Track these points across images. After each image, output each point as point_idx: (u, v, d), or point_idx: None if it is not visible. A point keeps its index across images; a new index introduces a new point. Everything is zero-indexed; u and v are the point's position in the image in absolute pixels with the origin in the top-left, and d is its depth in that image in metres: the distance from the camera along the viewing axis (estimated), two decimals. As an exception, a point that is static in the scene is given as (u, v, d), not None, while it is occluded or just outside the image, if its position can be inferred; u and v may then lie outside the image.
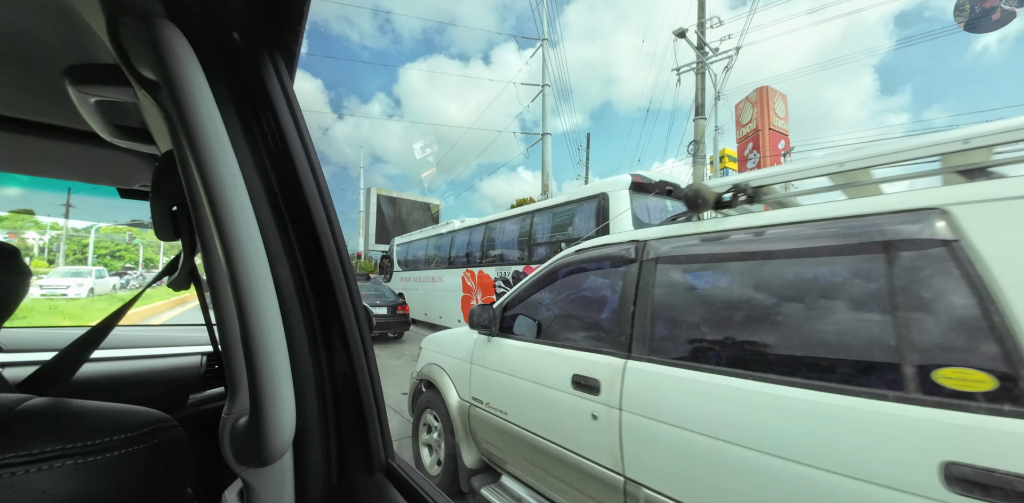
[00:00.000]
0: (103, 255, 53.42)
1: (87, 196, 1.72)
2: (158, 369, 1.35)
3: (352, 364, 0.72)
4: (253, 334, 0.51)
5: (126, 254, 54.51)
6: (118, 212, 2.05)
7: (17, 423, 0.37)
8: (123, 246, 54.06)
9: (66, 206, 3.80)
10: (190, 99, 0.49)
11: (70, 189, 1.68)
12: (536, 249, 7.51)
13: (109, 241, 54.23)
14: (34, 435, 0.37)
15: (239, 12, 0.58)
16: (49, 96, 0.91)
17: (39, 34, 0.68)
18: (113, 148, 1.04)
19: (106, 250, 54.16)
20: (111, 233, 50.86)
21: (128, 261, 53.94)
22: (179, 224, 0.75)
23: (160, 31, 0.49)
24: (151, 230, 0.80)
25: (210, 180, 0.50)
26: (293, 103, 0.67)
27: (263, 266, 0.54)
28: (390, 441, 0.78)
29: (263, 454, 0.54)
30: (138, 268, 50.49)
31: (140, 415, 0.46)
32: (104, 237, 53.84)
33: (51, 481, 0.34)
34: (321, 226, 0.70)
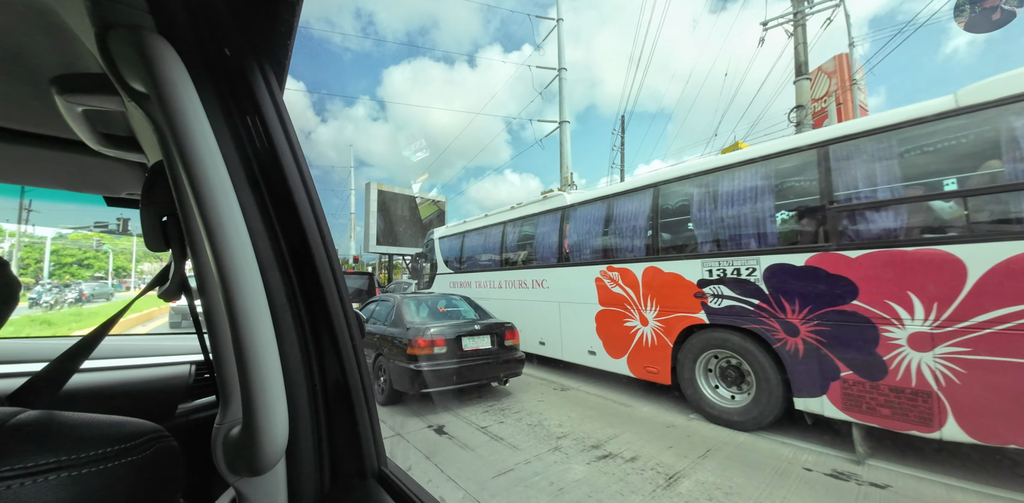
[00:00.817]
0: (69, 264, 49.99)
1: (74, 205, 1.74)
2: (146, 379, 1.35)
3: (344, 370, 0.72)
4: (245, 343, 0.52)
5: (95, 262, 51.20)
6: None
7: (10, 437, 0.37)
8: (91, 253, 50.59)
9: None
10: (180, 110, 0.50)
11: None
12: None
13: (75, 248, 50.83)
14: (27, 448, 0.37)
15: (228, 25, 0.60)
16: (36, 105, 0.91)
17: (26, 44, 0.68)
18: (100, 157, 1.03)
19: (72, 258, 50.73)
20: (78, 240, 47.50)
21: (97, 269, 50.70)
22: (169, 234, 0.74)
23: (150, 44, 0.50)
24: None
25: (201, 190, 0.51)
26: (283, 113, 0.69)
27: (254, 274, 0.55)
28: (382, 447, 0.78)
29: (256, 464, 0.55)
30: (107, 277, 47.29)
31: (133, 426, 0.46)
32: (70, 244, 50.34)
33: (45, 494, 0.35)
34: (311, 233, 0.70)
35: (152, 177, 0.74)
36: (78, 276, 49.37)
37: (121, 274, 50.62)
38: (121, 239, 49.37)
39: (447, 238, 9.40)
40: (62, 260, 48.85)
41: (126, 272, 49.03)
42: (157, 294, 0.81)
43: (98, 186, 1.48)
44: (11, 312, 0.58)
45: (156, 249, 0.74)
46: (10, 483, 0.33)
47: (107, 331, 0.72)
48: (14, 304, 0.58)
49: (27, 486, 0.34)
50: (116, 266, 50.01)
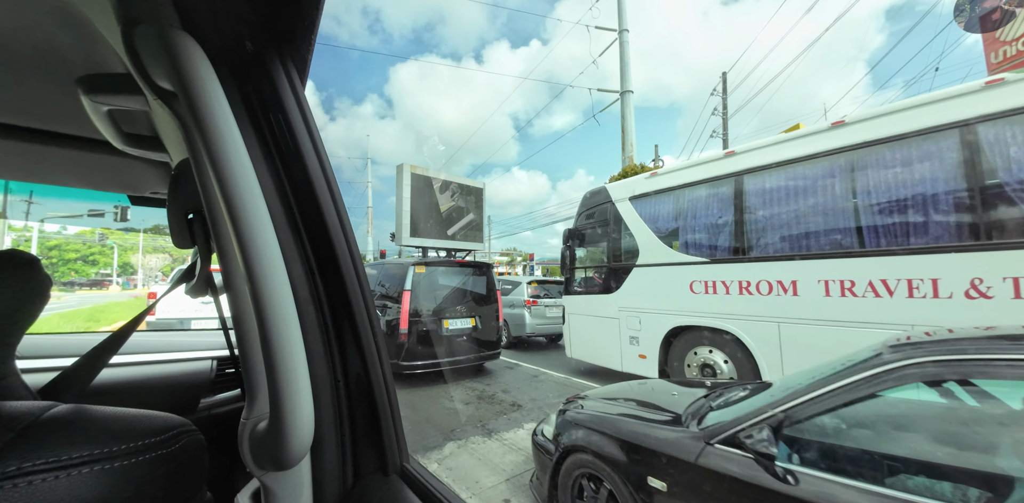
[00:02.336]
0: (74, 260, 47.18)
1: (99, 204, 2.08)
2: (170, 374, 1.38)
3: (366, 366, 0.72)
4: (272, 339, 0.52)
5: (100, 258, 48.41)
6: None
7: (44, 430, 0.38)
8: (96, 248, 47.73)
9: (84, 215, 3.30)
10: (206, 107, 0.49)
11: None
12: None
13: (80, 244, 47.97)
14: (61, 442, 0.37)
15: (251, 21, 0.59)
16: (62, 105, 0.93)
17: (52, 44, 0.69)
18: (124, 156, 1.05)
19: (77, 254, 47.90)
20: (82, 235, 44.68)
21: (103, 265, 48.02)
22: (195, 231, 0.74)
23: (175, 41, 0.49)
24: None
25: (228, 187, 0.50)
26: (305, 108, 0.68)
27: (280, 271, 0.55)
28: (404, 443, 0.78)
29: (282, 458, 0.55)
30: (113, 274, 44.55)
31: (162, 420, 0.47)
32: (75, 239, 47.50)
33: (78, 486, 0.35)
34: (334, 229, 0.70)
35: (178, 174, 0.75)
36: (82, 273, 46.77)
37: (128, 271, 47.70)
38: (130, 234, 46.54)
39: (662, 196, 5.26)
40: (65, 256, 45.95)
41: (132, 269, 46.02)
42: (184, 291, 0.80)
43: (123, 185, 1.52)
44: (42, 308, 0.59)
45: (182, 246, 0.75)
46: (45, 476, 0.34)
47: (135, 327, 0.78)
48: (45, 300, 0.59)
49: (61, 479, 0.35)
50: (121, 262, 47.07)
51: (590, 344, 6.24)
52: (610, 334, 5.80)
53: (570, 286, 6.61)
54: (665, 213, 5.28)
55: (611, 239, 5.89)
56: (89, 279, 45.79)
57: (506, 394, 5.39)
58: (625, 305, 5.61)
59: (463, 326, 6.11)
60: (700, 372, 4.90)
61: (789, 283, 4.12)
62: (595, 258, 6.48)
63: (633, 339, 5.50)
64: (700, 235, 4.89)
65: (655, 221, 5.36)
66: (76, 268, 45.39)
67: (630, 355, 5.54)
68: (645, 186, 5.55)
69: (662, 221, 5.30)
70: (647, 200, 5.50)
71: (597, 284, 6.23)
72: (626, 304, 5.60)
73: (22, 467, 0.34)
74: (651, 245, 5.34)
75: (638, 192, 5.61)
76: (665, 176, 5.36)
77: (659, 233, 5.30)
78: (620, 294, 5.68)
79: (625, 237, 5.75)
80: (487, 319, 6.43)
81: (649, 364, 5.33)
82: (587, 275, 6.55)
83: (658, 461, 1.87)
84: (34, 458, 0.35)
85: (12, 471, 0.33)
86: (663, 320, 5.17)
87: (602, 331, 5.94)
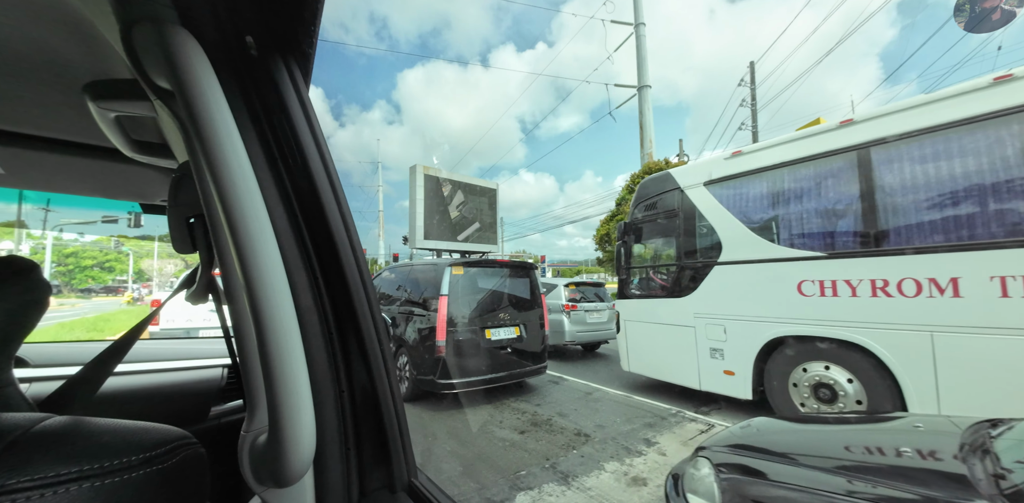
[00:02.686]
0: (90, 267, 47.59)
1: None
2: (180, 382, 1.36)
3: (372, 377, 0.69)
4: (270, 347, 0.51)
5: (116, 265, 48.81)
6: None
7: (33, 444, 0.36)
8: (112, 255, 48.18)
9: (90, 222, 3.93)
10: (203, 106, 0.48)
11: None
12: None
13: (96, 251, 48.45)
14: (50, 457, 0.35)
15: (252, 19, 0.58)
16: (69, 113, 0.92)
17: (58, 51, 0.68)
18: (134, 164, 1.06)
19: (93, 261, 48.37)
20: (98, 242, 45.12)
21: (119, 272, 48.35)
22: (196, 236, 0.73)
23: (173, 37, 0.49)
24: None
25: (226, 190, 0.50)
26: (309, 110, 0.67)
27: (281, 278, 0.54)
28: (412, 458, 0.74)
29: (282, 475, 0.53)
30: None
31: (159, 433, 0.44)
32: (91, 246, 47.98)
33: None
34: (338, 234, 0.68)
35: (179, 177, 0.73)
36: (99, 280, 47.13)
37: (144, 277, 47.91)
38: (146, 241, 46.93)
39: (751, 179, 4.34)
40: (82, 263, 46.35)
41: (146, 276, 46.17)
42: (185, 297, 0.80)
43: (133, 193, 1.51)
44: (40, 316, 0.58)
45: (183, 251, 0.74)
46: (30, 494, 0.32)
47: (138, 335, 0.74)
48: (44, 308, 0.58)
49: (47, 497, 0.33)
50: (137, 269, 47.28)
51: (654, 357, 5.31)
52: (683, 346, 4.86)
53: (626, 289, 5.69)
54: (757, 199, 4.35)
55: (681, 233, 4.97)
56: (104, 286, 46.07)
57: (564, 419, 4.49)
58: (704, 311, 4.68)
59: (506, 336, 5.23)
60: (813, 394, 3.95)
61: (947, 281, 3.17)
62: (658, 256, 5.57)
63: (715, 352, 4.57)
64: (813, 224, 3.95)
65: (743, 209, 4.44)
66: (93, 275, 45.67)
67: (712, 371, 4.61)
68: (726, 168, 4.63)
69: (753, 208, 4.38)
70: (730, 185, 4.58)
71: (663, 286, 5.30)
72: (705, 310, 4.67)
73: (5, 484, 0.31)
74: (739, 238, 4.42)
75: (716, 176, 4.69)
76: (753, 155, 4.44)
77: (750, 223, 4.37)
78: (696, 298, 4.75)
79: (701, 230, 4.83)
80: (532, 327, 5.54)
81: (738, 383, 4.39)
82: (649, 276, 5.63)
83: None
84: (19, 475, 0.32)
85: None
86: (758, 329, 4.23)
87: (671, 342, 5.01)
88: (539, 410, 4.79)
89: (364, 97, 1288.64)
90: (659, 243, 5.45)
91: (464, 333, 4.87)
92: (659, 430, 4.16)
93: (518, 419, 4.48)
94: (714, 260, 4.59)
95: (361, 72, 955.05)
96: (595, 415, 4.62)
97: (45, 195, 1.53)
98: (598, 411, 4.77)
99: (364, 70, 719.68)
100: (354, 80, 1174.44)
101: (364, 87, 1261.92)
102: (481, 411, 4.79)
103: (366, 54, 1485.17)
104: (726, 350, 4.49)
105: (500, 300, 5.40)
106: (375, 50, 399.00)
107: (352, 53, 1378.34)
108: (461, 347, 4.82)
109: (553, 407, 4.92)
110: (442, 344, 4.67)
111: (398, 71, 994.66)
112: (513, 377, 5.18)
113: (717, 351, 4.56)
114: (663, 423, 4.39)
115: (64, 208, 1.86)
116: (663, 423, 4.39)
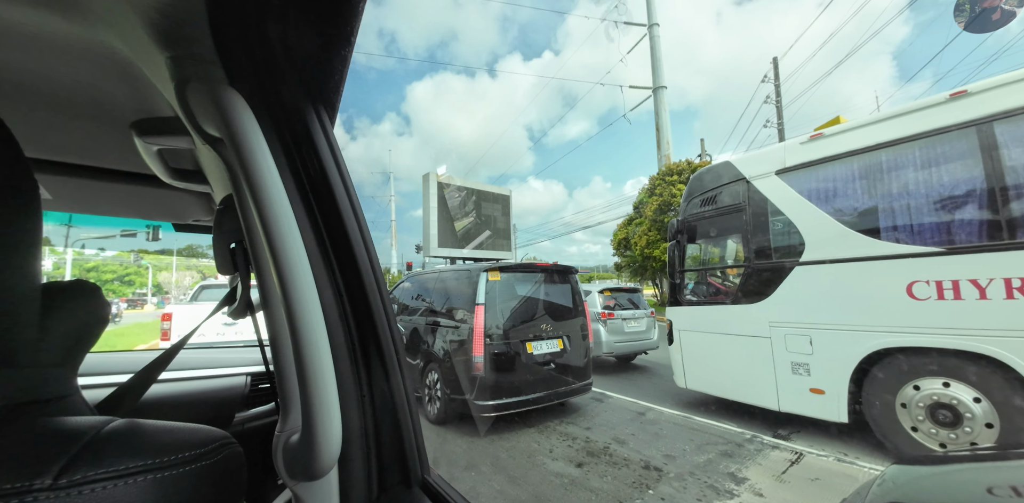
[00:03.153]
0: (111, 280, 48.44)
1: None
2: (207, 389, 1.45)
3: (390, 384, 0.75)
4: (305, 357, 0.57)
5: (136, 278, 49.61)
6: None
7: (105, 442, 0.41)
8: (132, 269, 49.00)
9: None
10: (249, 152, 0.56)
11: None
12: None
13: (117, 264, 49.37)
14: (119, 453, 0.40)
15: (289, 78, 0.66)
16: (112, 144, 1.03)
17: (108, 92, 0.78)
18: (170, 188, 1.17)
19: (114, 274, 49.26)
20: (118, 256, 46.07)
21: (139, 286, 49.09)
22: (236, 259, 0.82)
23: (224, 96, 0.56)
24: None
25: (268, 222, 0.57)
26: (335, 149, 0.75)
27: (313, 296, 0.59)
28: (425, 456, 0.80)
29: (313, 469, 0.59)
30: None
31: (205, 433, 0.50)
32: (112, 260, 48.95)
33: (134, 494, 0.39)
34: (360, 256, 0.75)
35: (223, 209, 0.82)
36: (119, 293, 47.88)
37: (163, 290, 48.53)
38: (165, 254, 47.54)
39: (839, 164, 3.74)
40: (103, 277, 47.10)
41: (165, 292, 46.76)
42: (226, 313, 0.87)
43: (168, 214, 1.65)
44: (101, 332, 0.63)
45: (225, 272, 0.82)
46: (106, 484, 0.37)
47: (182, 345, 0.80)
48: (105, 324, 0.63)
49: (119, 487, 0.38)
50: (156, 283, 47.94)
51: (718, 372, 4.66)
52: (756, 359, 4.21)
53: (680, 294, 5.05)
54: (849, 187, 3.72)
55: (749, 229, 4.35)
56: (125, 298, 46.85)
57: (623, 447, 3.87)
58: (782, 319, 4.04)
59: (549, 349, 4.64)
60: (929, 416, 3.28)
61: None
62: (720, 257, 4.95)
63: (799, 367, 3.92)
64: (926, 214, 3.32)
65: (831, 200, 3.82)
66: (113, 288, 46.36)
67: (794, 389, 3.95)
68: (804, 154, 4.02)
69: (845, 199, 3.75)
70: (811, 172, 3.96)
71: (726, 291, 4.68)
72: (784, 317, 4.03)
73: (87, 475, 0.37)
74: (827, 234, 3.79)
75: (792, 163, 4.09)
76: (839, 138, 3.83)
77: (841, 216, 3.74)
78: (772, 304, 4.12)
79: (774, 225, 4.21)
80: (575, 339, 4.95)
81: (829, 403, 3.73)
82: (708, 279, 5.01)
83: None
84: (97, 468, 0.38)
85: (79, 479, 0.36)
86: (855, 340, 3.58)
87: (740, 355, 4.36)
88: (591, 435, 4.17)
89: (374, 110, 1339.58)
90: (720, 242, 4.84)
91: (503, 347, 4.30)
92: (740, 461, 3.51)
93: (569, 447, 3.87)
94: (794, 260, 3.96)
95: (371, 86, 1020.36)
96: (657, 441, 3.99)
97: (88, 218, 1.63)
98: (659, 436, 4.14)
99: (374, 84, 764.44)
100: (364, 93, 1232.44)
101: (375, 100, 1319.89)
102: (524, 437, 4.19)
103: (375, 68, 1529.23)
104: (812, 365, 3.84)
105: (540, 309, 4.82)
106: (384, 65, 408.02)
107: (361, 67, 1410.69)
108: (501, 363, 4.25)
109: (606, 431, 4.30)
110: (480, 360, 4.11)
111: (407, 83, 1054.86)
112: (558, 396, 4.57)
113: (801, 366, 3.91)
114: (741, 451, 3.74)
115: (105, 228, 2.51)
116: (741, 451, 3.74)
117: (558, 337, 4.76)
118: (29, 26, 0.59)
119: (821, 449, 3.81)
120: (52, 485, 0.35)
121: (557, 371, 4.65)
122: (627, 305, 7.97)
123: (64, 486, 0.35)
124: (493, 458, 3.63)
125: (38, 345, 0.49)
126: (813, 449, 3.79)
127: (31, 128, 0.92)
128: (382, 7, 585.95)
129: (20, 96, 0.78)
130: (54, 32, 0.60)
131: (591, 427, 4.43)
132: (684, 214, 5.06)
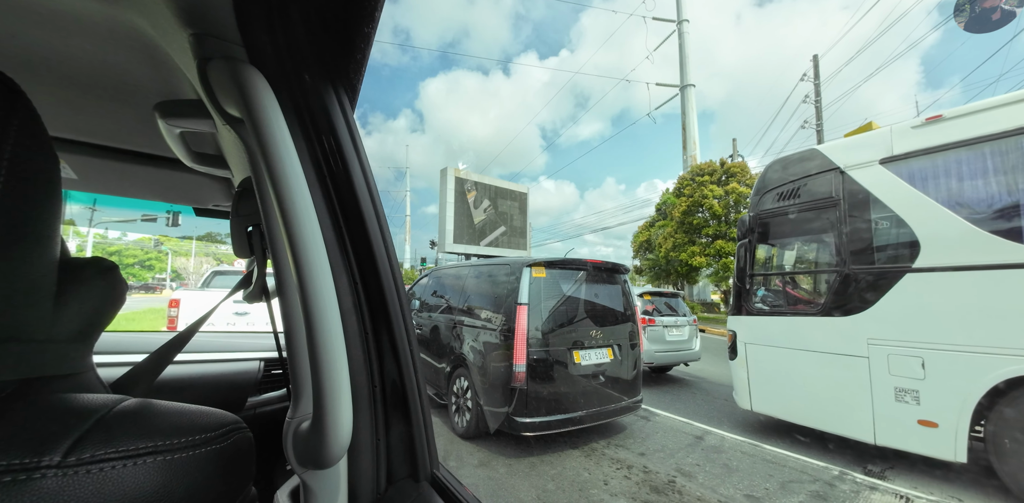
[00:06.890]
0: (131, 265, 49.30)
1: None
2: (221, 373, 1.46)
3: (401, 375, 0.74)
4: (318, 344, 0.55)
5: (156, 263, 50.44)
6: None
7: (115, 422, 0.41)
8: (152, 254, 49.82)
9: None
10: (269, 133, 0.55)
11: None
12: None
13: (138, 249, 50.26)
14: (129, 433, 0.40)
15: (310, 56, 0.66)
16: (136, 126, 1.04)
17: (132, 74, 0.79)
18: (192, 172, 1.23)
19: (135, 259, 50.16)
20: (139, 241, 46.83)
21: (158, 271, 49.87)
22: (253, 242, 0.83)
23: (244, 74, 0.55)
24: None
25: (286, 205, 0.55)
26: (354, 131, 0.74)
27: (328, 282, 0.58)
28: (435, 450, 0.79)
29: (322, 458, 0.58)
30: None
31: (217, 416, 0.49)
32: (133, 245, 49.90)
33: (143, 474, 0.38)
34: (376, 243, 0.73)
35: (241, 192, 0.83)
36: (139, 278, 48.68)
37: (181, 276, 49.18)
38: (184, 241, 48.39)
39: (970, 151, 3.05)
40: (124, 261, 47.92)
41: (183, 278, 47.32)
42: (242, 297, 0.88)
43: (190, 198, 1.65)
44: (118, 311, 0.62)
45: (242, 255, 0.83)
46: (115, 464, 0.37)
47: (198, 328, 0.82)
48: (122, 303, 0.62)
49: (128, 467, 0.37)
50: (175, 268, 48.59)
51: (795, 394, 4.01)
52: (847, 382, 3.57)
53: (748, 301, 4.41)
54: (983, 180, 3.06)
55: (844, 228, 3.71)
56: (144, 283, 47.57)
57: (691, 481, 3.27)
58: (886, 336, 3.39)
59: (599, 359, 4.06)
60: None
61: None
62: (802, 259, 4.31)
63: (904, 393, 3.27)
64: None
65: (957, 194, 3.16)
66: (134, 272, 47.12)
67: (897, 420, 3.30)
68: (919, 140, 3.36)
69: (977, 193, 3.09)
70: (930, 161, 3.30)
71: (810, 300, 4.04)
72: (888, 334, 3.38)
73: (95, 454, 0.36)
74: (950, 235, 3.13)
75: (902, 151, 3.44)
76: (968, 119, 3.17)
77: (971, 215, 3.09)
78: (872, 317, 3.47)
79: (878, 223, 3.55)
80: (624, 348, 4.35)
81: (943, 438, 3.08)
82: (785, 285, 4.37)
83: None
84: (106, 447, 0.37)
85: (87, 457, 0.36)
86: (984, 364, 2.93)
87: (826, 376, 3.72)
88: (648, 464, 3.58)
89: (390, 106, 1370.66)
90: (803, 242, 4.19)
91: (547, 355, 3.74)
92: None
93: (626, 478, 3.29)
94: (905, 265, 3.31)
95: (386, 82, 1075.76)
96: (730, 476, 3.38)
97: (113, 199, 1.69)
98: (730, 468, 3.53)
99: (388, 80, 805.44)
100: (379, 89, 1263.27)
101: (390, 96, 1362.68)
102: (569, 461, 3.62)
103: (390, 65, 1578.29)
104: (924, 391, 3.19)
105: (587, 312, 4.24)
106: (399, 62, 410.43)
107: (376, 64, 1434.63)
108: (545, 374, 3.68)
109: (664, 459, 3.70)
110: (521, 369, 3.55)
111: (421, 80, 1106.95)
112: (607, 415, 3.99)
113: (907, 392, 3.26)
114: (835, 493, 3.12)
115: (127, 210, 2.00)
116: (835, 493, 3.12)
117: (608, 345, 4.18)
118: (57, 3, 0.60)
119: (928, 492, 3.17)
120: (60, 463, 0.34)
121: (606, 385, 4.07)
122: (667, 311, 7.33)
123: (72, 464, 0.35)
124: (540, 489, 3.06)
125: (54, 320, 0.47)
126: (919, 492, 3.15)
127: (57, 107, 0.93)
128: (397, 5, 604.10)
129: (47, 75, 0.78)
130: (80, 11, 0.61)
131: (645, 453, 3.84)
132: (756, 209, 4.42)
